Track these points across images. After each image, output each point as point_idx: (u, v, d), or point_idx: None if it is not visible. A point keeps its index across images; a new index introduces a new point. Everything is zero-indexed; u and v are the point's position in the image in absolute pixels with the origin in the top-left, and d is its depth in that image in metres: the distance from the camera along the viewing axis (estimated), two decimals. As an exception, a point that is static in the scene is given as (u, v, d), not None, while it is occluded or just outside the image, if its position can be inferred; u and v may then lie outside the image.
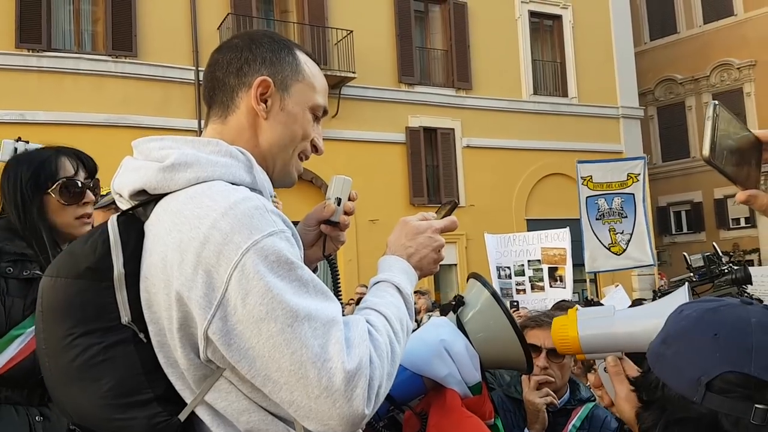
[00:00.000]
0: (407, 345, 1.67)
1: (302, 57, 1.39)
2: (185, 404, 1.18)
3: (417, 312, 10.17)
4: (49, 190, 2.08)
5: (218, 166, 1.21)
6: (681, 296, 1.35)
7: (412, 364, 1.61)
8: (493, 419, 1.69)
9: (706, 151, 0.97)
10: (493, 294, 1.65)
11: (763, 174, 1.16)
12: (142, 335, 1.17)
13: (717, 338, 0.96)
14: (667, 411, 0.96)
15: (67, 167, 2.13)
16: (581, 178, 9.41)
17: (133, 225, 1.22)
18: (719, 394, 0.92)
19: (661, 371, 0.99)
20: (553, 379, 2.44)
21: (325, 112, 1.42)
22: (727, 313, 1.00)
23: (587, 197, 9.23)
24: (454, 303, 1.73)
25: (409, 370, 1.62)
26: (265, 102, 1.32)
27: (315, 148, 1.42)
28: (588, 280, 10.62)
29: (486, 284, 1.69)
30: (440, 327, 1.67)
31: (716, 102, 1.01)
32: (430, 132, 17.33)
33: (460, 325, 1.66)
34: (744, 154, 1.03)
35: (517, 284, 10.42)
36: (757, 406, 0.90)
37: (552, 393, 2.41)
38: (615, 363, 1.32)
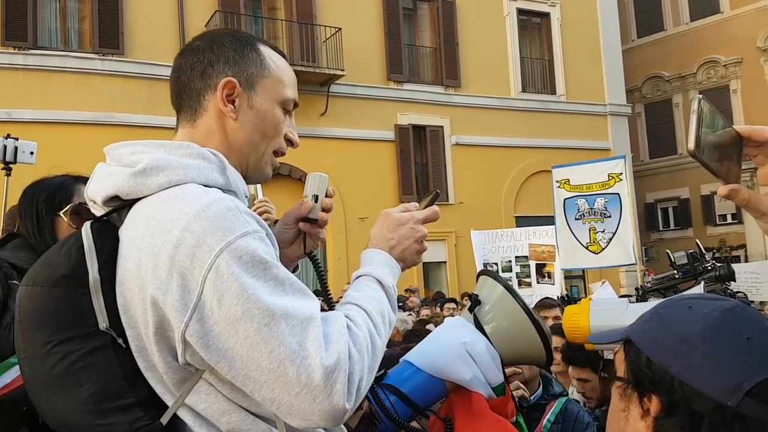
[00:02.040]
0: (426, 348, 1.64)
1: (267, 51, 1.37)
2: (167, 407, 1.18)
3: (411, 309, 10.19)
4: (62, 213, 2.14)
5: (190, 168, 1.21)
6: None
7: (433, 368, 1.59)
8: (515, 417, 1.67)
9: (691, 145, 0.97)
10: (507, 287, 1.63)
11: (749, 170, 1.17)
12: (120, 340, 1.17)
13: (751, 342, 0.95)
14: (705, 418, 0.93)
15: (82, 193, 2.21)
16: (556, 181, 9.42)
17: (107, 231, 1.22)
18: (753, 398, 0.91)
19: (682, 371, 0.96)
20: (520, 371, 2.44)
21: (296, 104, 1.41)
22: (746, 315, 0.99)
23: (565, 199, 9.25)
24: (469, 303, 1.70)
25: (427, 373, 1.59)
26: (233, 102, 1.31)
27: (290, 142, 1.41)
28: (564, 277, 10.55)
29: (498, 279, 1.67)
30: (459, 328, 1.64)
31: (701, 96, 1.02)
32: (419, 130, 17.34)
33: (478, 324, 1.64)
34: (726, 149, 1.03)
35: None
36: None
37: (522, 386, 2.41)
38: None
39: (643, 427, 1.00)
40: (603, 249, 8.87)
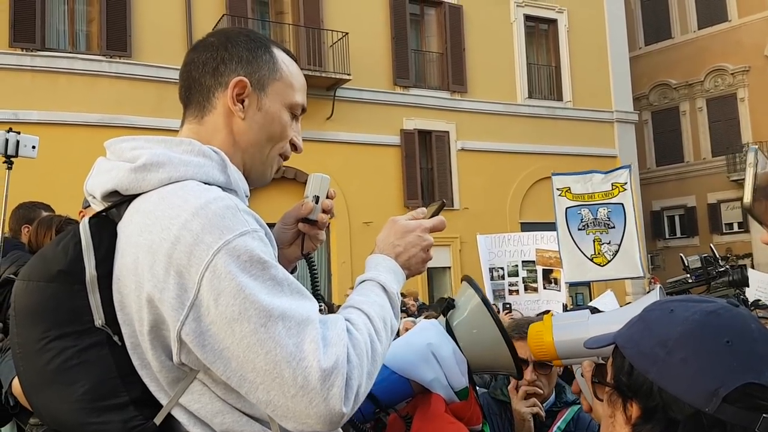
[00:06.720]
0: (394, 348, 1.62)
1: (280, 55, 1.37)
2: (161, 407, 1.17)
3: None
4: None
5: (191, 165, 1.20)
6: (653, 299, 1.34)
7: (398, 367, 1.59)
8: (480, 425, 1.67)
9: (747, 200, 0.95)
10: (483, 300, 1.63)
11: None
12: (116, 338, 1.16)
13: (730, 346, 0.92)
14: (680, 424, 0.91)
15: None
16: (557, 189, 9.12)
17: (105, 226, 1.20)
18: (732, 405, 0.89)
19: (660, 377, 0.94)
20: (541, 392, 2.44)
21: (304, 110, 1.40)
22: (729, 317, 0.96)
23: (567, 208, 8.92)
24: (443, 306, 1.71)
25: (396, 373, 1.60)
26: (242, 102, 1.30)
27: (294, 147, 1.40)
28: (570, 285, 10.38)
29: (477, 289, 1.66)
30: (428, 330, 1.65)
31: (756, 147, 0.99)
32: (424, 135, 17.34)
33: (449, 329, 1.64)
34: (766, 192, 1.01)
35: (510, 285, 10.21)
36: (765, 415, 0.88)
37: (539, 404, 2.41)
38: (591, 368, 1.27)
39: None
40: (609, 261, 8.51)
